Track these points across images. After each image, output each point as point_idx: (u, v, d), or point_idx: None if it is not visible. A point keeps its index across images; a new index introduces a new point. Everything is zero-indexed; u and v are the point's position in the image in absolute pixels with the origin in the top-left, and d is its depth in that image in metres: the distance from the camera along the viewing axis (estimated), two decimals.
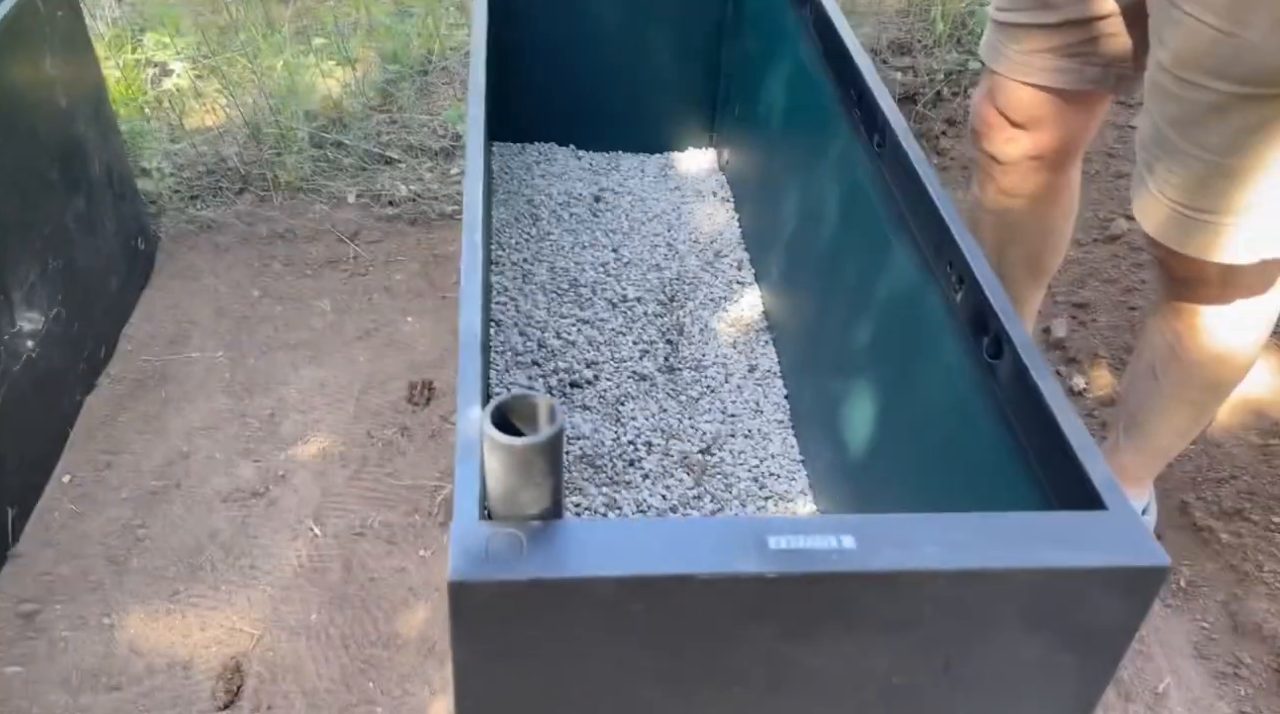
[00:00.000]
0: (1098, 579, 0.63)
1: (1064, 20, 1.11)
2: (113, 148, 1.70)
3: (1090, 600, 0.64)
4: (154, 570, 1.37)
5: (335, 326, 1.73)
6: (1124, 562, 0.63)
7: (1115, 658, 0.68)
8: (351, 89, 2.15)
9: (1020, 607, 0.65)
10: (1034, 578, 0.63)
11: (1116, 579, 0.63)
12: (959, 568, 0.62)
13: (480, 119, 1.05)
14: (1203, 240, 1.01)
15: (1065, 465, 0.71)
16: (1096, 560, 0.63)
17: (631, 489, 1.27)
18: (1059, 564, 0.63)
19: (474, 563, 0.61)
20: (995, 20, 1.19)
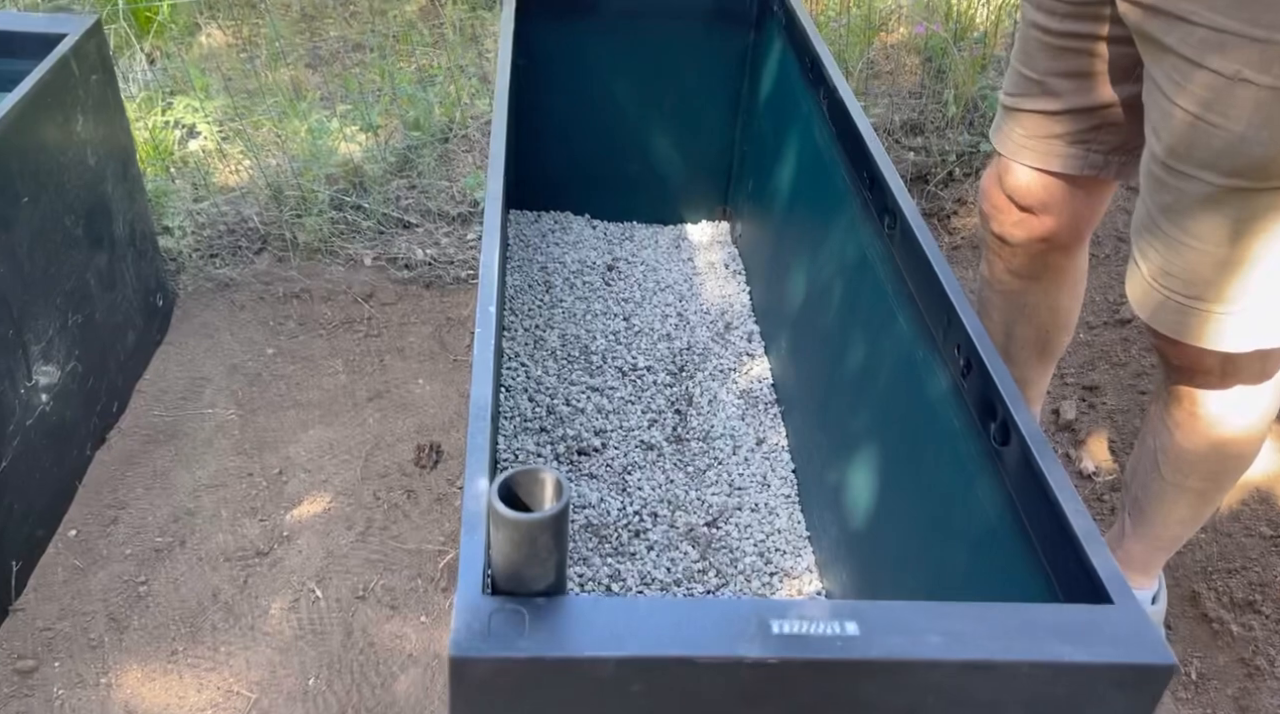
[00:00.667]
0: (1103, 676, 0.63)
1: (1067, 108, 1.14)
2: (137, 207, 1.73)
3: (1095, 696, 0.64)
4: (154, 629, 1.37)
5: (346, 387, 1.74)
6: (1131, 659, 0.62)
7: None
8: (373, 154, 2.19)
9: (1024, 700, 0.64)
10: (1038, 672, 0.63)
11: (1122, 676, 0.63)
12: (963, 659, 0.62)
13: (499, 188, 1.07)
14: (1198, 328, 1.02)
15: (1071, 556, 0.71)
16: (1102, 656, 0.62)
17: (636, 561, 1.27)
18: (1064, 659, 0.62)
19: (476, 638, 0.61)
20: (1003, 104, 1.22)
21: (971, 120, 2.23)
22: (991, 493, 0.83)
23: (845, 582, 1.17)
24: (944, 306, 0.91)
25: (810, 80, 1.36)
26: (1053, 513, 0.73)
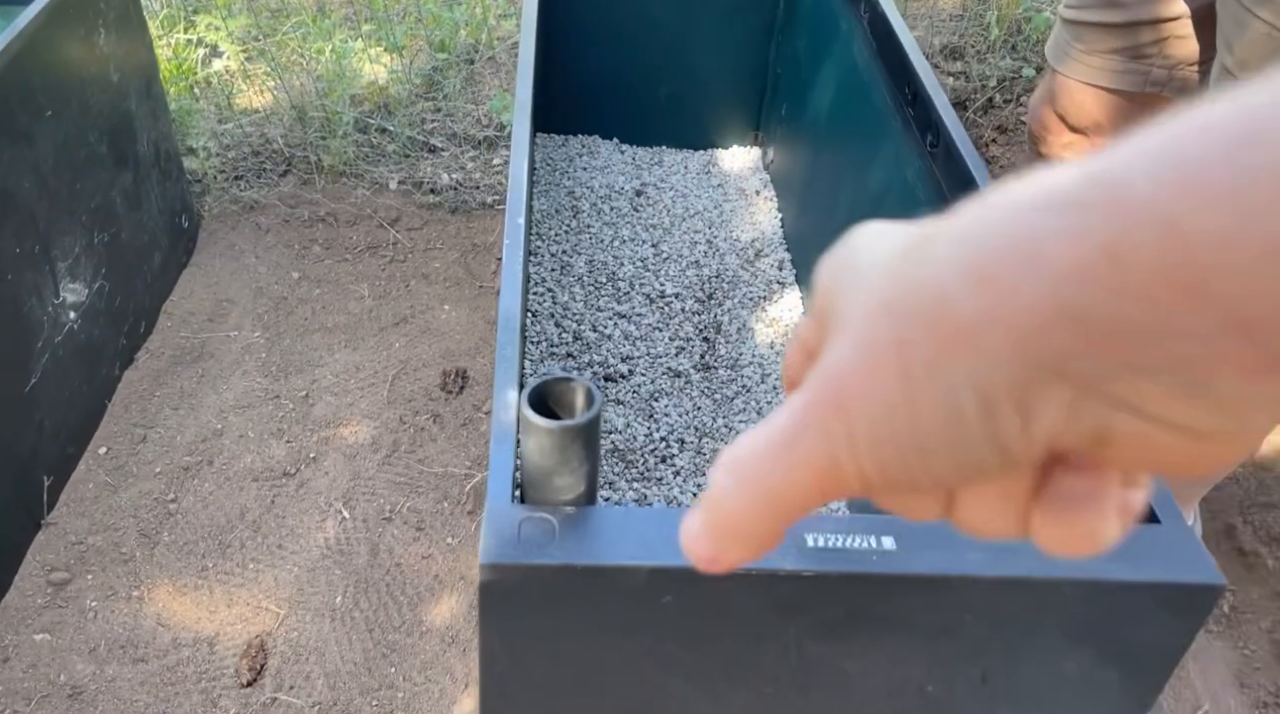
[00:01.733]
0: (1148, 594, 0.61)
1: (1131, 20, 1.09)
2: (161, 126, 1.71)
3: (1139, 616, 0.62)
4: (184, 545, 1.38)
5: (372, 312, 1.73)
6: (1177, 577, 0.60)
7: (1161, 678, 0.65)
8: (398, 76, 2.15)
9: (1065, 619, 0.63)
10: (1081, 590, 0.61)
11: (1168, 595, 0.61)
12: (1003, 575, 0.60)
13: (527, 108, 1.04)
14: None
15: None
16: (1149, 575, 0.60)
17: (662, 485, 1.26)
18: (1108, 576, 0.60)
19: (506, 546, 0.60)
20: (1063, 18, 1.17)
21: (1014, 44, 2.16)
22: None
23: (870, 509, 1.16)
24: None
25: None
26: None
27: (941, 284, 0.20)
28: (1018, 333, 0.19)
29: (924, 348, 0.21)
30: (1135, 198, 0.18)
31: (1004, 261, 0.20)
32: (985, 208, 0.21)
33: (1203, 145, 0.18)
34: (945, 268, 0.21)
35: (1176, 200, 0.18)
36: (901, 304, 0.21)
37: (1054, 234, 0.19)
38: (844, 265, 0.24)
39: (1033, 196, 0.20)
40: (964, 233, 0.21)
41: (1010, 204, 0.20)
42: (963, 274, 0.20)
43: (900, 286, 0.22)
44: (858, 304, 0.23)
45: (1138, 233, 0.18)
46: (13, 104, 1.27)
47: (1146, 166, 0.18)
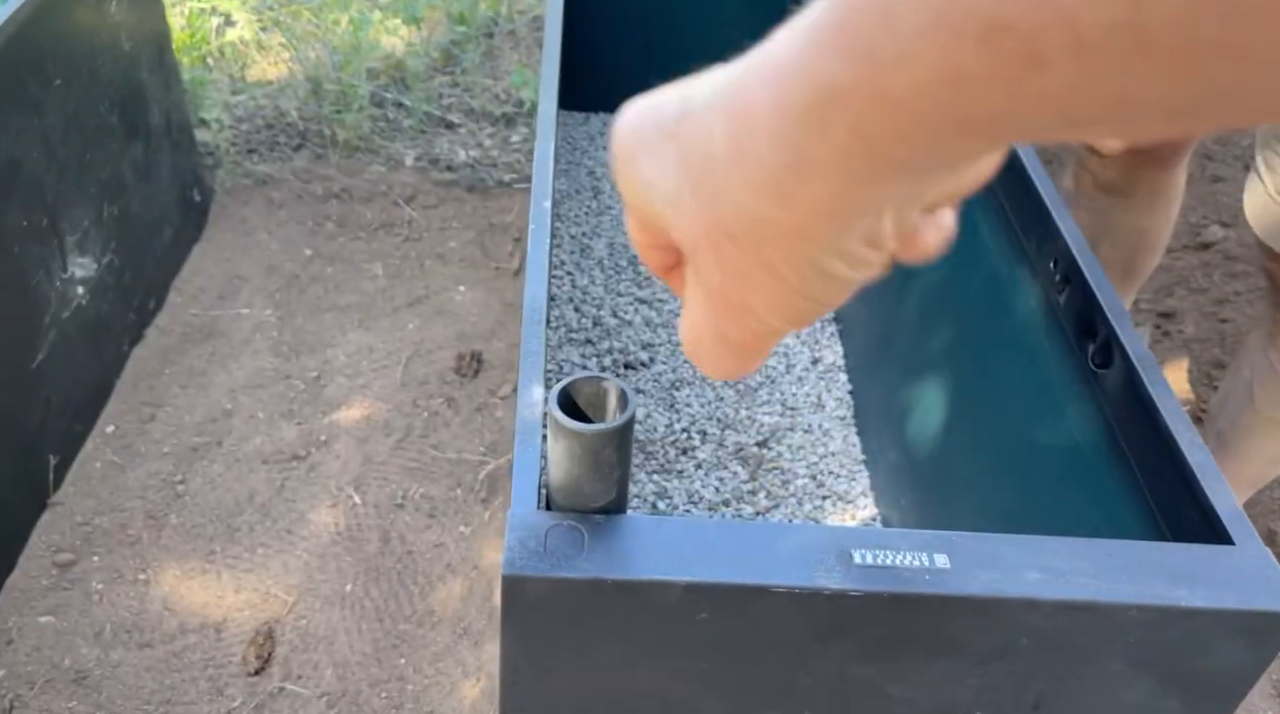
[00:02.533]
0: (1222, 622, 0.57)
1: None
2: (173, 96, 1.67)
3: (1209, 644, 0.58)
4: (191, 528, 1.35)
5: (386, 291, 1.69)
6: (1255, 605, 0.56)
7: (1228, 709, 0.61)
8: (415, 49, 2.10)
9: (1127, 646, 0.58)
10: (1148, 615, 0.57)
11: (1243, 623, 0.57)
12: (1063, 598, 0.56)
13: (554, 87, 0.99)
14: None
15: (1182, 492, 0.65)
16: (1222, 601, 0.56)
17: (684, 479, 1.22)
18: (1179, 602, 0.56)
19: (531, 556, 0.56)
20: None
21: None
22: (1087, 420, 0.77)
23: (904, 508, 1.12)
24: (1039, 214, 0.83)
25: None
26: (1163, 444, 0.67)
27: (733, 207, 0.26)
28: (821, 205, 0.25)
29: (771, 253, 0.26)
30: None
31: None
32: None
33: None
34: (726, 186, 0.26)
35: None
36: (728, 231, 0.26)
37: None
38: (641, 185, 0.29)
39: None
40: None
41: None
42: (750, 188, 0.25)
43: (710, 217, 0.26)
44: (690, 244, 0.28)
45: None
46: (21, 72, 1.23)
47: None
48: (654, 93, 0.30)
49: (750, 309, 0.27)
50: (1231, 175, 1.88)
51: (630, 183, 0.29)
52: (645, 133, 0.29)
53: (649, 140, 0.28)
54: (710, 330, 0.29)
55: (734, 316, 0.28)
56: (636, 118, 0.29)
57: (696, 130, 0.26)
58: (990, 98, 0.20)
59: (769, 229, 0.25)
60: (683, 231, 0.28)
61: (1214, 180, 1.86)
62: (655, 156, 0.28)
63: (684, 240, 0.28)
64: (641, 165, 0.29)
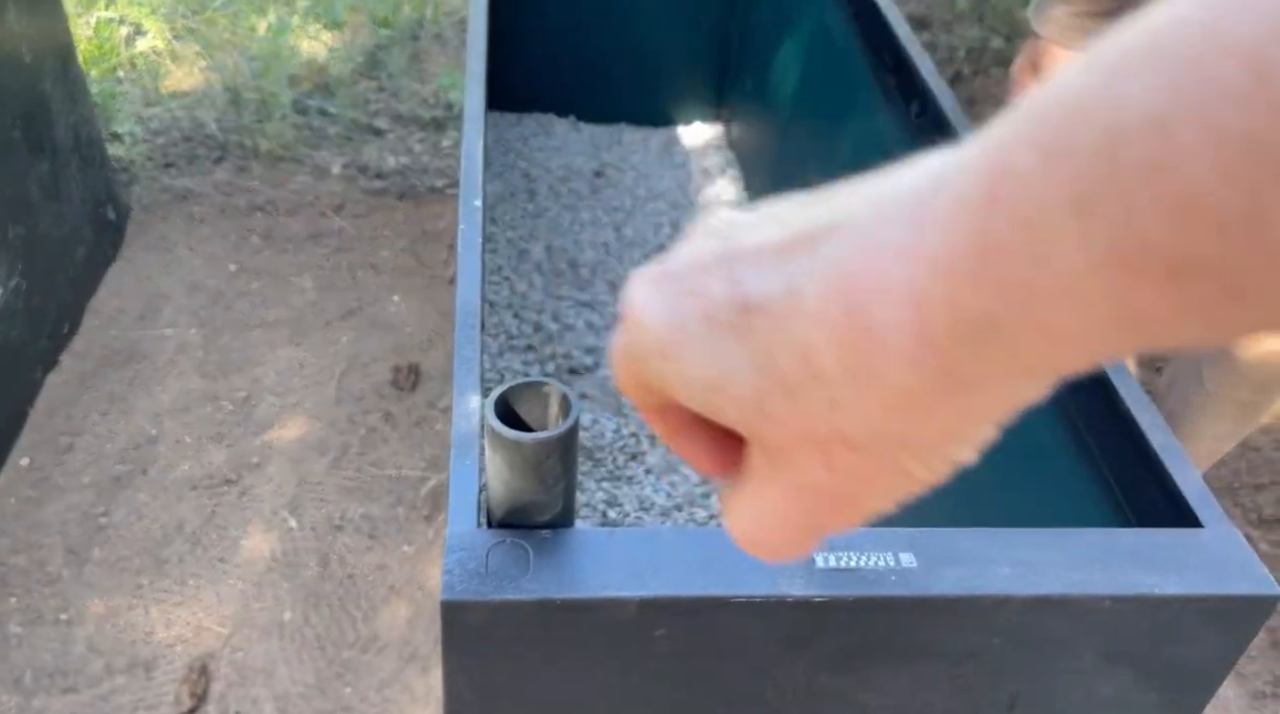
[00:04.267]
0: (1196, 608, 0.55)
1: None
2: (81, 110, 1.59)
3: (1183, 632, 0.56)
4: (116, 562, 1.28)
5: (316, 305, 1.63)
6: (1229, 589, 0.54)
7: (1205, 697, 0.59)
8: (338, 53, 2.04)
9: (1102, 639, 0.56)
10: (1121, 606, 0.54)
11: (1218, 608, 0.55)
12: (1036, 594, 0.54)
13: (480, 81, 0.95)
14: None
15: (1147, 476, 0.63)
16: (1196, 587, 0.54)
17: (634, 485, 1.18)
18: (1153, 590, 0.54)
19: (471, 579, 0.52)
20: None
21: (981, 14, 2.10)
22: (1045, 406, 0.75)
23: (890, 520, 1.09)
24: None
25: None
26: (1124, 427, 0.65)
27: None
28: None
29: (904, 458, 0.24)
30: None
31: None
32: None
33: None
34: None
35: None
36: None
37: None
38: (687, 383, 0.25)
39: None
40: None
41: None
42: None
43: (823, 426, 0.23)
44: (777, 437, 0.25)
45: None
46: None
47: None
48: (673, 262, 0.25)
49: (860, 502, 0.24)
50: None
51: (668, 382, 0.25)
52: (688, 325, 0.24)
53: (696, 334, 0.24)
54: (794, 522, 0.26)
55: (837, 510, 0.25)
56: (667, 305, 0.25)
57: (781, 336, 0.23)
58: (1176, 329, 0.18)
59: (907, 440, 0.23)
60: (766, 433, 0.24)
61: None
62: (711, 354, 0.24)
63: (766, 440, 0.25)
64: (689, 363, 0.24)
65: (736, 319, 0.23)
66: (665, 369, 0.25)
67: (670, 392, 0.26)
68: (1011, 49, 2.02)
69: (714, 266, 0.24)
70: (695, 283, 0.24)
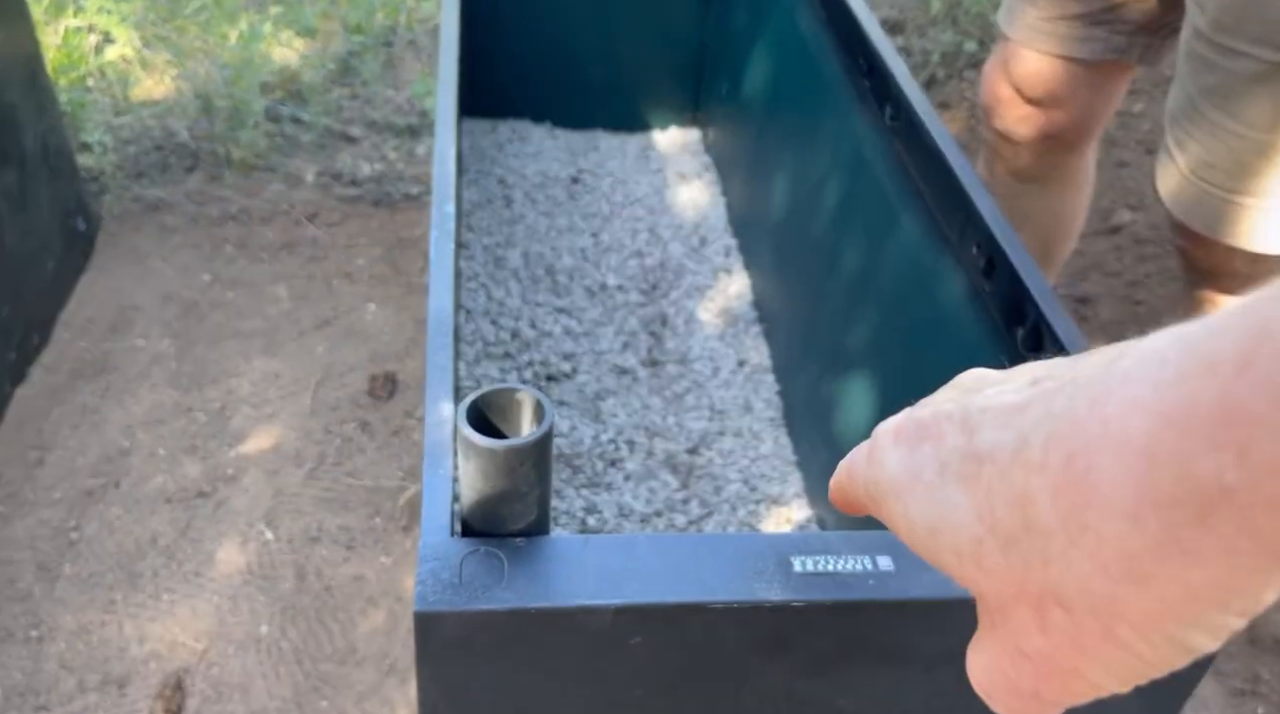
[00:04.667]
0: None
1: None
2: (49, 120, 1.57)
3: None
4: (88, 578, 1.26)
5: (291, 314, 1.61)
6: None
7: (1183, 693, 0.59)
8: (311, 61, 2.03)
9: None
10: None
11: None
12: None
13: (453, 86, 0.95)
14: (1233, 225, 0.93)
15: None
16: None
17: (613, 492, 1.18)
18: None
19: (445, 589, 0.51)
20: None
21: (955, 17, 2.11)
22: None
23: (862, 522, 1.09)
24: (960, 201, 0.81)
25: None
26: None
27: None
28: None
29: (1122, 629, 0.23)
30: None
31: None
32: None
33: None
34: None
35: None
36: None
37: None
38: (911, 525, 0.26)
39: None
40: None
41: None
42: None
43: (1035, 583, 0.23)
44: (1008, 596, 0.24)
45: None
46: None
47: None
48: (918, 410, 0.27)
49: (1081, 674, 0.24)
50: (1135, 160, 1.92)
51: (893, 518, 0.26)
52: (920, 468, 0.25)
53: (925, 479, 0.25)
54: (1020, 686, 0.25)
55: (1057, 679, 0.24)
56: (906, 445, 0.26)
57: (1002, 485, 0.23)
58: None
59: (1122, 607, 0.21)
60: (984, 586, 0.24)
61: (1119, 165, 1.90)
62: (935, 500, 0.25)
63: (985, 594, 0.25)
64: (914, 504, 0.25)
65: (966, 468, 0.24)
66: (894, 509, 0.26)
67: (894, 529, 0.27)
68: (985, 52, 2.03)
69: (956, 417, 0.25)
70: (936, 430, 0.25)
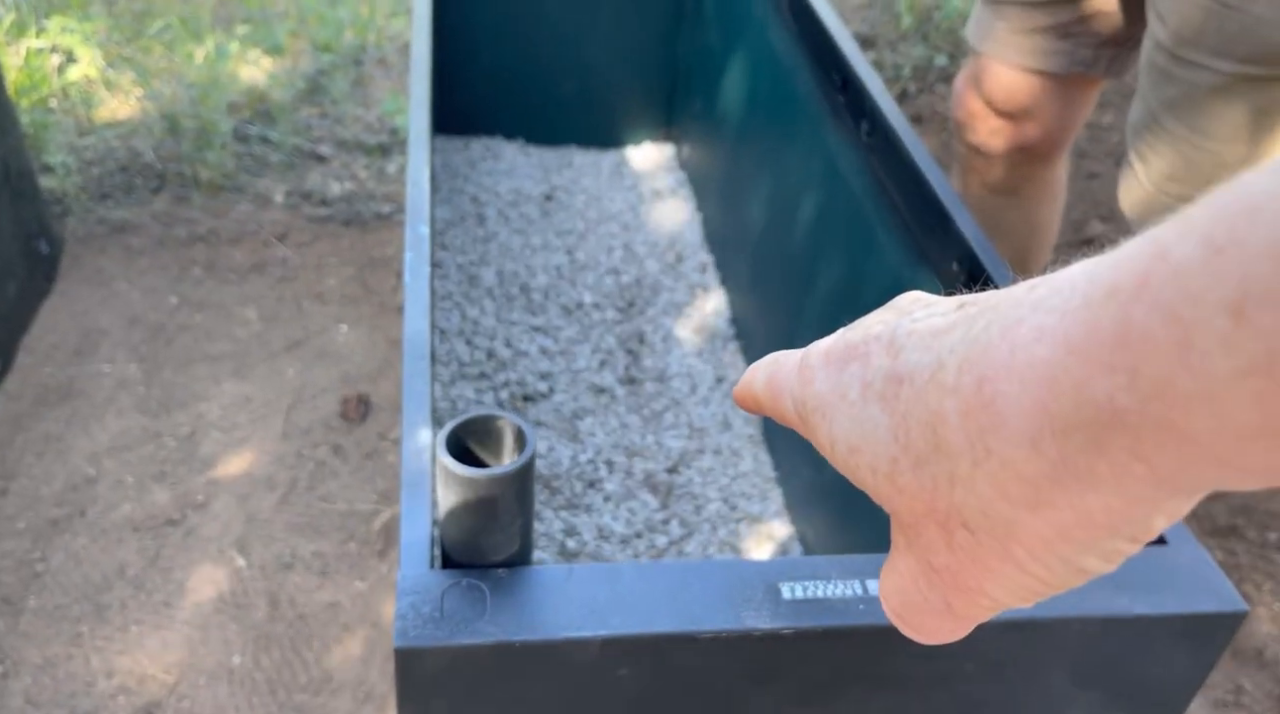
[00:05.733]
0: (1164, 627, 0.54)
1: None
2: (11, 141, 1.54)
3: (1152, 652, 0.55)
4: (54, 610, 1.22)
5: (261, 337, 1.59)
6: (1195, 608, 0.54)
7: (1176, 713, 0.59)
8: (279, 79, 2.00)
9: (1071, 662, 0.55)
10: (1089, 628, 0.54)
11: (1184, 627, 0.54)
12: (1005, 618, 0.53)
13: (425, 104, 0.93)
14: None
15: None
16: (1163, 606, 0.54)
17: (592, 513, 1.16)
18: (1119, 611, 0.53)
19: (426, 624, 0.50)
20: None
21: (926, 32, 2.13)
22: None
23: (820, 526, 1.08)
24: (939, 217, 0.81)
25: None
26: None
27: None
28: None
29: (1017, 550, 0.24)
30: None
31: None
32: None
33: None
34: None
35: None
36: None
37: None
38: (833, 442, 0.27)
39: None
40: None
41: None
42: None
43: (941, 502, 0.24)
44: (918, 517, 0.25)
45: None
46: None
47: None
48: (850, 332, 0.27)
49: (985, 591, 0.25)
50: (1105, 171, 1.93)
51: (817, 434, 0.27)
52: (845, 388, 0.26)
53: (849, 398, 0.26)
54: (930, 602, 0.27)
55: (963, 595, 0.25)
56: (834, 366, 0.27)
57: (918, 406, 0.23)
58: None
59: (1019, 530, 0.22)
60: (897, 504, 0.25)
61: (1089, 177, 1.91)
62: (857, 419, 0.25)
63: (898, 512, 0.25)
64: (837, 422, 0.26)
65: (887, 388, 0.24)
66: (819, 426, 0.27)
67: (818, 445, 0.27)
68: (955, 66, 2.05)
69: (884, 339, 0.26)
70: (864, 351, 0.26)
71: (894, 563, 0.27)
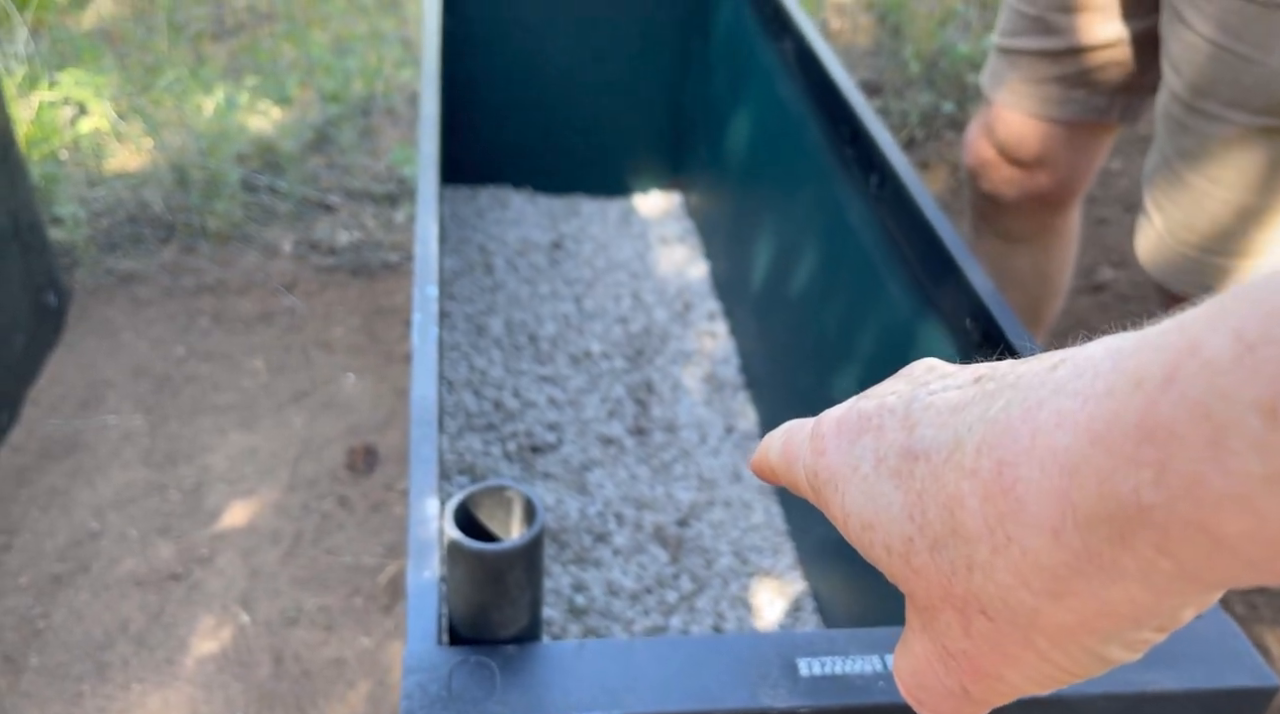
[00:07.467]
0: (1193, 703, 0.52)
1: (1068, 47, 1.04)
2: (21, 195, 1.54)
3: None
4: (55, 668, 1.20)
5: (268, 387, 1.58)
6: (1225, 683, 0.52)
7: None
8: (287, 129, 2.02)
9: None
10: (1117, 705, 0.52)
11: (1214, 702, 0.52)
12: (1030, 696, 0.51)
13: (433, 156, 0.93)
14: (1212, 286, 0.93)
15: None
16: (1192, 682, 0.52)
17: (601, 568, 1.14)
18: (1147, 688, 0.52)
19: (433, 704, 0.48)
20: (998, 46, 1.11)
21: (933, 79, 2.13)
22: None
23: (835, 582, 1.06)
24: (952, 274, 0.80)
25: (771, 31, 1.25)
26: None
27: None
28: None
29: (1039, 640, 0.23)
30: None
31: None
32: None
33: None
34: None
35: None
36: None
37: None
38: (845, 515, 0.26)
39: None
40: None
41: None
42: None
43: (959, 588, 0.23)
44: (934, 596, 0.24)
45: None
46: None
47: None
48: (863, 401, 0.26)
49: (1004, 679, 0.24)
50: (1115, 217, 1.93)
51: (830, 507, 0.27)
52: (858, 460, 0.25)
53: (862, 471, 0.25)
54: (946, 686, 0.26)
55: (980, 682, 0.24)
56: (846, 436, 0.26)
57: (934, 485, 0.23)
58: None
59: (1041, 619, 0.22)
60: (912, 585, 0.24)
61: (1099, 222, 1.91)
62: (870, 494, 0.25)
63: (914, 593, 0.25)
64: (850, 496, 0.25)
65: (901, 465, 0.24)
66: (832, 499, 0.26)
67: (831, 518, 0.27)
68: (962, 113, 2.05)
69: (898, 411, 0.25)
70: (877, 422, 0.25)
71: (909, 643, 0.27)
